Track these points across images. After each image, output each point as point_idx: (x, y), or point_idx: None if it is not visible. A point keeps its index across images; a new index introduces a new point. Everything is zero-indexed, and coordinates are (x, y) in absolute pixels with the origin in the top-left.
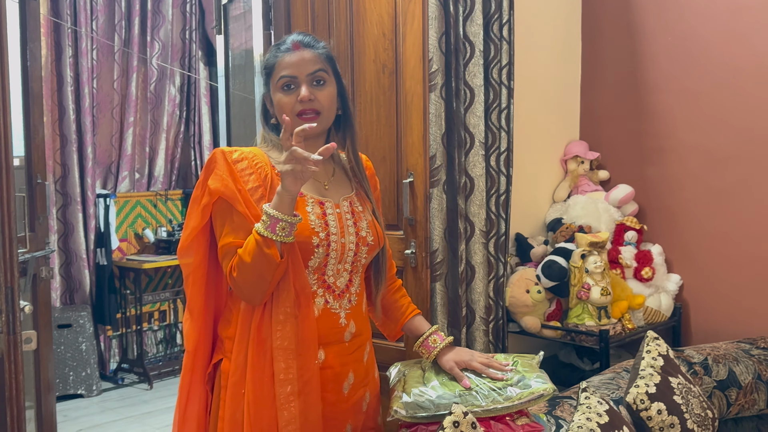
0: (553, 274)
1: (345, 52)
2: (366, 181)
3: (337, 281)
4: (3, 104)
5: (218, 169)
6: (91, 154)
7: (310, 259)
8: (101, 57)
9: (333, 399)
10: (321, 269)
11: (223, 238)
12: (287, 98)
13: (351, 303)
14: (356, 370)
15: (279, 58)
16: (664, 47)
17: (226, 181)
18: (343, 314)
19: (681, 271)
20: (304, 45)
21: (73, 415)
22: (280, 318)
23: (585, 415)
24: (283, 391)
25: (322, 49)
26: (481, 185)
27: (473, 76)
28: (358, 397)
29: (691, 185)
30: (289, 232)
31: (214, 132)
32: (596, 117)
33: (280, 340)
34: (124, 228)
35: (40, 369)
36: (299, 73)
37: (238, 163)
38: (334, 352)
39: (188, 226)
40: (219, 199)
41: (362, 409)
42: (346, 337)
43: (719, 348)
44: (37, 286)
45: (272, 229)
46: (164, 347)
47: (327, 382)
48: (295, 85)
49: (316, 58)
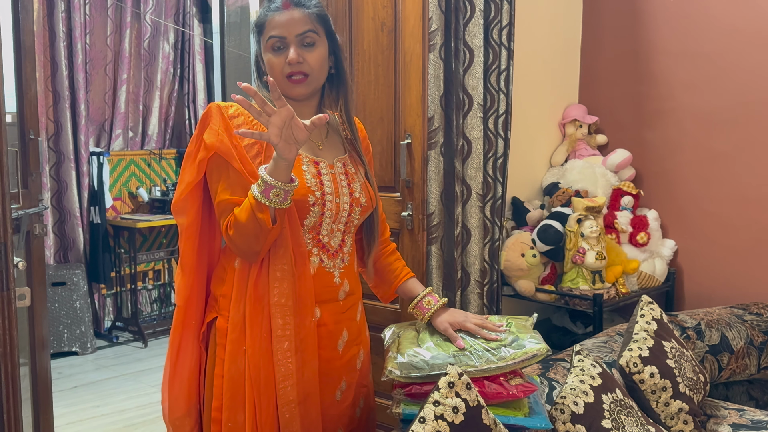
0: (548, 238)
1: (343, 8)
2: (358, 143)
3: (330, 241)
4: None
5: (213, 123)
6: (84, 111)
7: (305, 217)
8: (94, 12)
9: (328, 356)
10: (316, 228)
11: (219, 195)
12: (276, 59)
13: (344, 262)
14: (350, 328)
15: (269, 16)
16: (665, 9)
17: (221, 135)
18: (337, 273)
19: (676, 236)
20: (295, 3)
21: (68, 372)
22: (278, 275)
23: (578, 377)
24: (281, 347)
25: (313, 7)
26: (478, 148)
27: (473, 36)
28: (352, 354)
29: (689, 149)
30: (283, 198)
31: (209, 90)
32: (596, 80)
33: (277, 297)
34: (118, 187)
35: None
36: (288, 33)
37: (235, 118)
38: (329, 310)
39: (183, 181)
40: (214, 155)
41: (356, 367)
42: (340, 296)
43: (712, 313)
44: (31, 243)
45: (266, 195)
46: (159, 306)
47: (322, 339)
48: (284, 46)
49: (305, 18)
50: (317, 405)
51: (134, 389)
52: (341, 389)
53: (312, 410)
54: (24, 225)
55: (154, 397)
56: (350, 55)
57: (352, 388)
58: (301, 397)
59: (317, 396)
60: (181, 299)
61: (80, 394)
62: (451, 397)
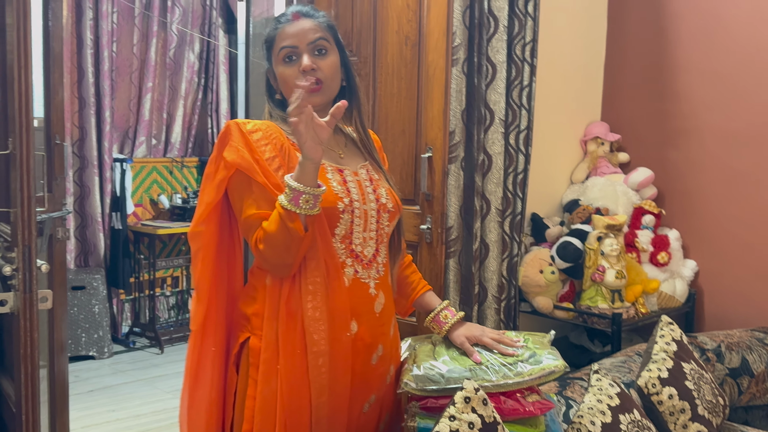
0: (567, 255)
1: (368, 22)
2: (376, 153)
3: (364, 250)
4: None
5: (233, 141)
6: (108, 117)
7: (336, 226)
8: (121, 20)
9: (361, 369)
10: (348, 237)
11: (245, 211)
12: (289, 70)
13: (379, 273)
14: (384, 343)
15: (279, 29)
16: (690, 28)
17: (241, 152)
18: (372, 284)
19: (697, 257)
20: (304, 14)
21: (85, 376)
22: (310, 288)
23: (596, 396)
24: (315, 363)
25: (322, 17)
26: (499, 163)
27: (496, 51)
28: (384, 369)
29: (712, 169)
30: (313, 204)
31: (232, 100)
32: (618, 98)
33: (311, 311)
34: (140, 193)
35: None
36: (300, 42)
37: (253, 133)
38: (366, 324)
39: (202, 202)
40: (236, 172)
41: (386, 382)
42: (376, 308)
43: (733, 335)
44: (53, 246)
45: (295, 203)
46: (176, 313)
47: (358, 353)
48: (296, 56)
49: (316, 27)
50: (344, 419)
51: (150, 395)
52: (370, 402)
53: (338, 424)
54: (47, 228)
55: (169, 403)
56: (373, 68)
57: (379, 402)
58: (331, 413)
59: (346, 410)
60: (197, 324)
61: (96, 398)
62: (467, 413)
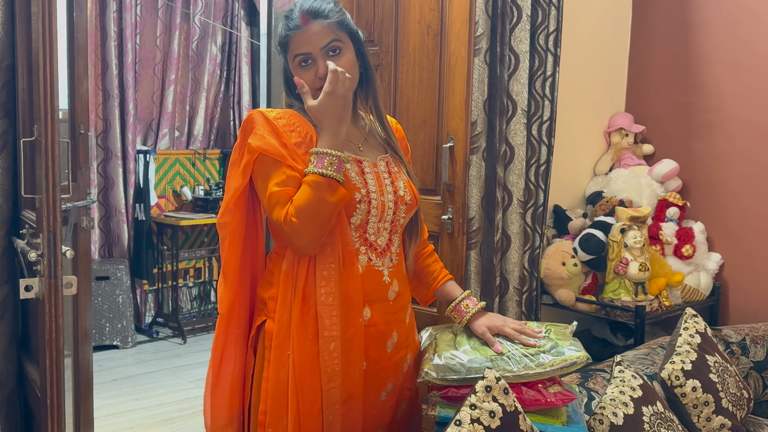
0: (590, 247)
1: (390, 11)
2: (394, 140)
3: (378, 239)
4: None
5: (258, 129)
6: (132, 110)
7: (352, 215)
8: (145, 13)
9: (376, 356)
10: (363, 226)
11: (270, 188)
12: (307, 75)
13: (392, 262)
14: (399, 330)
15: (290, 36)
16: (717, 19)
17: (267, 138)
18: (386, 272)
19: (722, 250)
20: (312, 16)
21: (108, 365)
22: (324, 274)
23: (618, 388)
24: (327, 348)
25: (331, 15)
26: (521, 154)
27: (519, 41)
28: (400, 357)
29: (738, 161)
30: (338, 167)
31: (254, 92)
32: (643, 89)
33: (324, 296)
34: (163, 185)
35: (78, 318)
36: (312, 48)
37: (278, 119)
38: (380, 310)
39: (230, 188)
40: (260, 156)
41: (403, 370)
42: (390, 296)
43: (758, 329)
44: (78, 235)
45: (321, 164)
46: (198, 304)
47: (371, 339)
48: (311, 61)
49: (326, 30)
50: (360, 405)
51: (172, 384)
52: (387, 390)
53: (354, 410)
54: (72, 217)
55: (191, 393)
56: (395, 57)
57: (396, 390)
58: (344, 398)
59: (360, 397)
60: (225, 307)
61: (120, 387)
62: (488, 401)
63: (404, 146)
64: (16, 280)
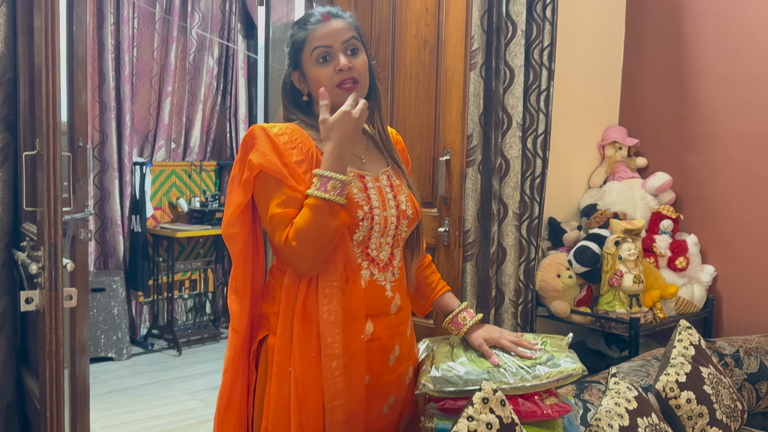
0: (585, 259)
1: (387, 25)
2: (396, 153)
3: (379, 254)
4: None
5: (259, 145)
6: (129, 121)
7: (354, 232)
8: (142, 26)
9: (379, 370)
10: (365, 242)
11: (271, 209)
12: (324, 70)
13: (394, 276)
14: (401, 344)
15: (310, 30)
16: (710, 31)
17: (268, 156)
18: (389, 286)
19: (715, 262)
20: (334, 15)
21: (104, 377)
22: (327, 292)
23: (614, 400)
24: (329, 366)
25: (349, 18)
26: (516, 167)
27: (514, 56)
28: (402, 370)
29: (731, 174)
30: (340, 191)
31: (250, 105)
32: (637, 102)
33: (327, 314)
34: (159, 196)
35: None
36: (334, 41)
37: (280, 137)
38: (382, 324)
39: (231, 204)
40: (260, 173)
41: (405, 383)
42: (392, 309)
43: (751, 341)
44: (76, 247)
45: (323, 187)
46: (194, 315)
47: (374, 353)
48: (330, 56)
49: (347, 27)
50: (362, 421)
51: (168, 396)
52: (389, 404)
53: (357, 427)
54: (70, 229)
55: (186, 405)
56: (392, 71)
57: (399, 403)
58: (347, 416)
59: (363, 412)
60: (242, 325)
61: (115, 399)
62: (485, 413)
63: (405, 158)
64: (15, 292)
